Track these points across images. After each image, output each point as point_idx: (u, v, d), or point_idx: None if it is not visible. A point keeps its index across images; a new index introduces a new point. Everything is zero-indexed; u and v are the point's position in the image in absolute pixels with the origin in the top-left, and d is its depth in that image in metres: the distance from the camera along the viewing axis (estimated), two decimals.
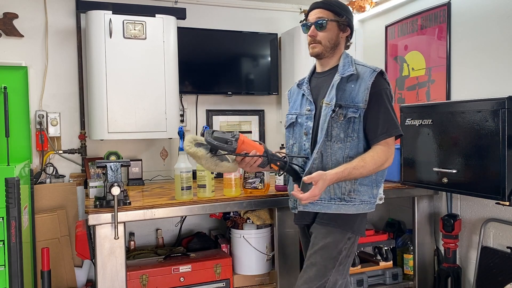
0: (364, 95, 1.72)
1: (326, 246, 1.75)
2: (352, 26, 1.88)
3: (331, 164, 1.74)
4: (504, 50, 2.37)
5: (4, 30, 2.75)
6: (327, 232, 1.77)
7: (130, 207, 2.10)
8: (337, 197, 1.76)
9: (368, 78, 1.73)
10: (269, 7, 3.35)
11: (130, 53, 2.68)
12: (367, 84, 1.72)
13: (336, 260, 1.75)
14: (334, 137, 1.74)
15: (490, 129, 2.06)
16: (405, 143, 2.59)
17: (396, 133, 1.74)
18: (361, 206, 1.77)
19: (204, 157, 1.67)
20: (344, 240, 1.76)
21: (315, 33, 1.81)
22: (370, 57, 3.37)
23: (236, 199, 2.29)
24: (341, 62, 1.83)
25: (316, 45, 1.83)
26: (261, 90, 3.30)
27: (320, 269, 1.74)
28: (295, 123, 1.91)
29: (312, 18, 1.83)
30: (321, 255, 1.75)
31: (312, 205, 1.79)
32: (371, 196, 1.80)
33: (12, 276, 2.10)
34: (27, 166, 2.56)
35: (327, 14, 1.81)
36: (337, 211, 1.76)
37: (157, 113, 2.76)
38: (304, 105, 1.88)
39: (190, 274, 2.49)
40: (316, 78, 1.91)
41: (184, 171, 2.21)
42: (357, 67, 1.79)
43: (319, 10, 1.82)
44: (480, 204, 2.52)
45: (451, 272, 2.56)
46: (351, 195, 1.76)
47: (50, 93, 2.88)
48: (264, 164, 1.72)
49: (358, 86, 1.74)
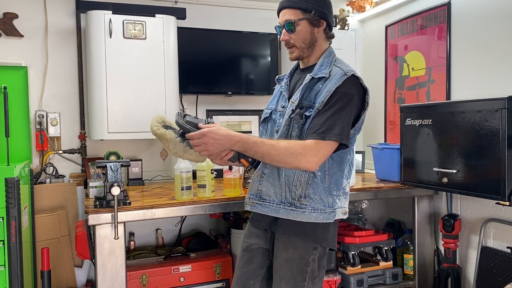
0: (324, 97, 1.58)
1: (290, 258, 1.65)
2: (326, 17, 1.69)
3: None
4: (504, 50, 2.37)
5: (4, 30, 2.75)
6: (287, 242, 1.66)
7: (130, 207, 2.10)
8: (287, 201, 1.64)
9: (335, 81, 1.59)
10: (269, 7, 3.34)
11: (130, 53, 2.68)
12: (332, 86, 1.58)
13: (305, 273, 1.64)
14: (294, 138, 1.63)
15: (490, 129, 2.06)
16: (405, 143, 2.59)
17: (331, 138, 1.54)
18: (312, 214, 1.62)
19: (173, 140, 1.57)
20: (309, 251, 1.64)
21: (288, 36, 1.69)
22: (370, 57, 3.37)
23: (236, 199, 2.29)
24: (320, 62, 1.70)
25: (292, 49, 1.72)
26: (261, 90, 3.30)
27: (290, 282, 1.64)
28: (268, 119, 1.81)
29: (281, 20, 1.71)
30: (287, 267, 1.65)
31: (260, 206, 1.70)
32: (325, 205, 1.63)
33: (12, 276, 2.10)
34: (27, 166, 2.56)
35: (295, 14, 1.66)
36: (285, 217, 1.64)
37: (157, 113, 2.74)
38: (280, 101, 1.78)
39: (190, 274, 2.49)
40: (297, 74, 1.80)
41: (184, 171, 2.21)
42: (333, 68, 1.65)
43: (285, 11, 1.69)
44: (480, 204, 2.52)
45: (451, 272, 2.56)
46: (302, 201, 1.62)
47: (50, 93, 2.88)
48: (235, 158, 1.62)
49: (324, 88, 1.61)
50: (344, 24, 3.14)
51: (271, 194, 1.67)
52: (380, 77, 3.31)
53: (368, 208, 3.36)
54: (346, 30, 3.15)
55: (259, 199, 1.70)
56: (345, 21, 3.15)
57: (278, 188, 1.66)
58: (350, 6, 3.28)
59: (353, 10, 3.30)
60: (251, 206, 1.73)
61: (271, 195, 1.67)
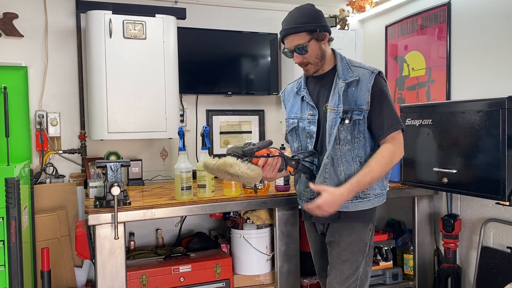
0: (366, 97, 1.76)
1: (353, 241, 1.82)
2: (327, 29, 1.82)
3: (342, 165, 1.79)
4: (504, 50, 2.37)
5: (4, 30, 2.75)
6: (351, 228, 1.83)
7: (130, 207, 2.10)
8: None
9: (368, 81, 1.77)
10: (269, 7, 3.35)
11: (130, 53, 2.68)
12: (367, 86, 1.76)
13: (364, 252, 1.83)
14: (342, 140, 1.78)
15: (490, 129, 2.06)
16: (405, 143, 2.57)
17: (401, 126, 1.80)
18: (375, 200, 1.84)
19: (236, 162, 1.64)
20: (367, 232, 1.85)
21: (301, 58, 1.80)
22: (370, 57, 3.37)
23: (236, 199, 2.29)
24: (339, 67, 1.83)
25: (308, 67, 1.84)
26: (261, 90, 3.30)
27: (352, 263, 1.82)
28: (297, 128, 1.92)
29: (289, 46, 1.80)
30: (350, 251, 1.82)
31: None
32: (382, 188, 1.87)
33: (12, 276, 2.10)
34: (27, 166, 2.56)
35: (302, 37, 1.76)
36: (355, 209, 1.81)
37: (157, 113, 2.76)
38: (306, 110, 1.89)
39: (190, 274, 2.49)
40: (312, 82, 1.92)
41: (184, 171, 2.21)
42: (355, 70, 1.81)
43: (292, 37, 1.78)
44: (480, 204, 2.52)
45: (451, 272, 2.56)
46: (365, 191, 1.81)
47: (50, 93, 2.88)
48: (283, 167, 1.76)
49: (359, 89, 1.77)
50: (344, 24, 3.14)
51: None
52: None
53: None
54: (346, 30, 3.15)
55: None
56: (345, 21, 3.15)
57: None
58: (350, 6, 3.28)
59: (353, 10, 3.30)
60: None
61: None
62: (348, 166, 1.79)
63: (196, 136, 3.22)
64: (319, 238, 1.99)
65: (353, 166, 1.79)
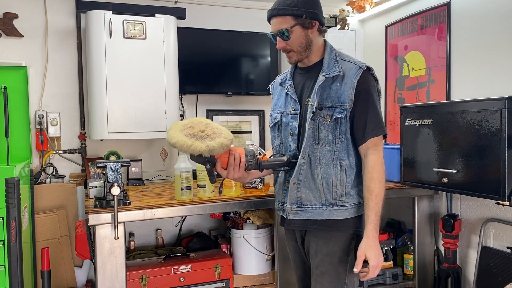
0: (349, 94, 1.62)
1: (331, 252, 1.68)
2: (318, 17, 1.68)
3: (319, 168, 1.66)
4: (504, 50, 2.37)
5: (4, 30, 2.75)
6: (328, 237, 1.69)
7: (130, 207, 2.10)
8: (328, 202, 1.67)
9: (353, 76, 1.63)
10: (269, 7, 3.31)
11: (130, 53, 2.68)
12: (352, 82, 1.63)
13: (346, 263, 1.69)
14: (322, 139, 1.65)
15: (490, 129, 2.06)
16: (405, 143, 2.59)
17: (383, 132, 1.66)
18: (353, 209, 1.69)
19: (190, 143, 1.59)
20: (348, 242, 1.70)
21: (284, 43, 1.69)
22: (370, 57, 3.37)
23: (236, 199, 2.29)
24: (326, 59, 1.70)
25: (290, 54, 1.71)
26: (261, 90, 3.30)
27: (332, 275, 1.68)
28: (280, 123, 1.80)
29: (273, 28, 1.69)
30: (329, 261, 1.69)
31: (303, 213, 1.70)
32: (362, 198, 1.70)
33: (12, 276, 2.09)
34: (27, 166, 2.56)
35: (287, 21, 1.65)
36: (329, 217, 1.67)
37: (157, 113, 2.76)
38: (289, 104, 1.77)
39: (190, 274, 2.49)
40: (299, 74, 1.79)
41: (184, 171, 2.21)
42: (342, 64, 1.68)
43: (276, 19, 1.67)
44: (480, 204, 2.52)
45: (451, 272, 2.56)
46: (343, 199, 1.67)
47: (50, 93, 2.88)
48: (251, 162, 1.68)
49: (343, 85, 1.64)
50: (344, 24, 3.14)
51: (312, 199, 1.69)
52: (380, 77, 3.27)
53: None
54: (346, 30, 3.15)
55: (301, 206, 1.71)
56: (345, 21, 3.15)
57: (316, 192, 1.68)
58: (350, 6, 3.28)
59: (353, 10, 3.30)
60: (294, 214, 1.72)
61: (311, 200, 1.69)
62: (326, 169, 1.66)
63: None
64: (297, 247, 1.85)
65: (332, 169, 1.66)
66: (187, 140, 1.59)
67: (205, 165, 1.64)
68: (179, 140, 1.59)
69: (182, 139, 1.59)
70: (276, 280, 2.49)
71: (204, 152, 1.58)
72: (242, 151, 1.69)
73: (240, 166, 1.67)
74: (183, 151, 1.60)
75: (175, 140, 1.60)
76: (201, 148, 1.58)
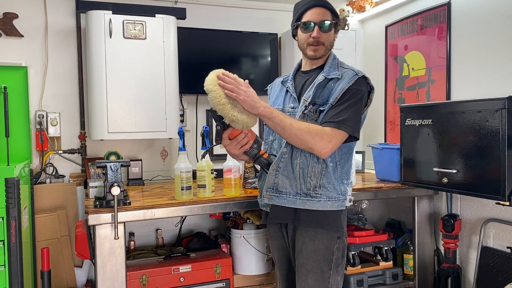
0: (338, 94, 1.69)
1: (317, 249, 1.71)
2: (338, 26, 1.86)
3: (299, 158, 1.71)
4: (504, 50, 2.37)
5: (4, 30, 2.75)
6: (313, 234, 1.73)
7: (130, 207, 2.10)
8: (302, 192, 1.72)
9: (348, 80, 1.70)
10: (269, 7, 3.35)
11: (130, 53, 2.68)
12: (345, 85, 1.69)
13: (331, 262, 1.71)
14: None
15: (490, 129, 2.06)
16: (405, 143, 2.59)
17: (345, 129, 1.64)
18: (327, 203, 1.71)
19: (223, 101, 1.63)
20: (334, 240, 1.73)
21: (320, 34, 1.74)
22: (370, 57, 3.37)
23: (236, 199, 2.29)
24: (328, 63, 1.80)
25: (319, 47, 1.76)
26: (261, 90, 3.25)
27: (316, 274, 1.71)
28: None
29: (315, 18, 1.73)
30: (313, 259, 1.71)
31: (277, 198, 1.76)
32: (339, 193, 1.73)
33: (12, 276, 2.10)
34: (27, 166, 2.56)
35: (330, 16, 1.76)
36: (301, 207, 1.72)
37: (157, 113, 2.76)
38: (288, 102, 1.85)
39: (190, 274, 2.49)
40: (301, 76, 1.88)
41: (184, 171, 2.21)
42: (344, 70, 1.76)
43: (322, 10, 1.74)
44: (480, 204, 2.52)
45: (451, 272, 2.56)
46: (317, 191, 1.70)
47: (50, 93, 2.88)
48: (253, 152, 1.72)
49: (337, 86, 1.72)
50: (344, 24, 3.14)
51: (287, 186, 1.74)
52: (380, 77, 3.31)
53: (368, 208, 3.36)
54: (346, 30, 3.15)
55: (276, 192, 1.77)
56: (345, 21, 3.15)
57: (293, 181, 1.73)
58: (350, 6, 3.28)
59: (353, 10, 3.30)
60: (269, 199, 1.79)
61: (287, 187, 1.74)
62: (304, 160, 1.71)
63: (196, 136, 3.23)
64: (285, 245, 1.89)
65: (309, 160, 1.70)
66: (222, 98, 1.62)
67: (217, 126, 1.67)
68: (216, 93, 1.62)
69: (219, 93, 1.62)
70: (276, 280, 2.49)
71: (226, 119, 1.63)
72: (253, 136, 1.74)
73: (242, 147, 1.71)
74: (212, 103, 1.64)
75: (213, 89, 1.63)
76: (227, 114, 1.61)
